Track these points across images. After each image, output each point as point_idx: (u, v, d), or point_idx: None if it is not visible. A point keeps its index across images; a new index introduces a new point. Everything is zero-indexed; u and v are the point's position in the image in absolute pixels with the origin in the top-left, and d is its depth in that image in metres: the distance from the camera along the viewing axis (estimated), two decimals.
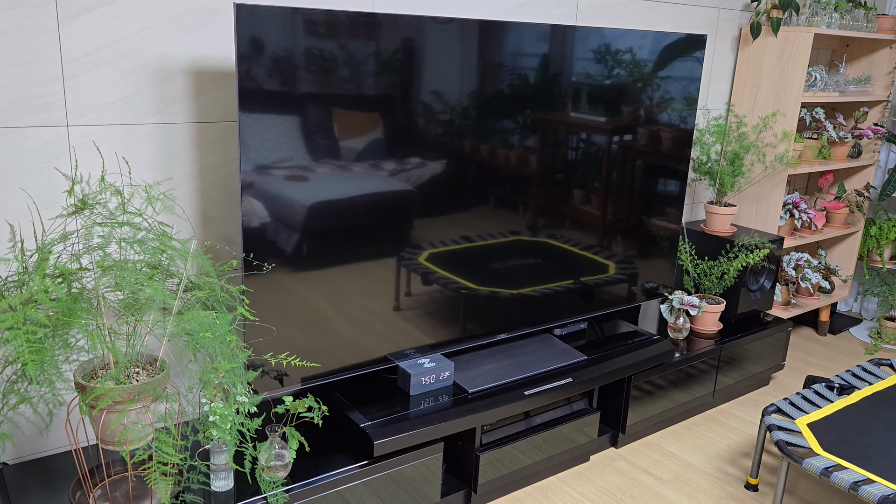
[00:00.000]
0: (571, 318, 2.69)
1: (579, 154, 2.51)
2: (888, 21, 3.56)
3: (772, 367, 3.26)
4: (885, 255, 3.86)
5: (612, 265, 2.78)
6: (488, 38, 2.15)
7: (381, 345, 2.20)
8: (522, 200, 2.42)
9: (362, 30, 1.91)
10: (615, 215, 2.70)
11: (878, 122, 3.72)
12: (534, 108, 2.33)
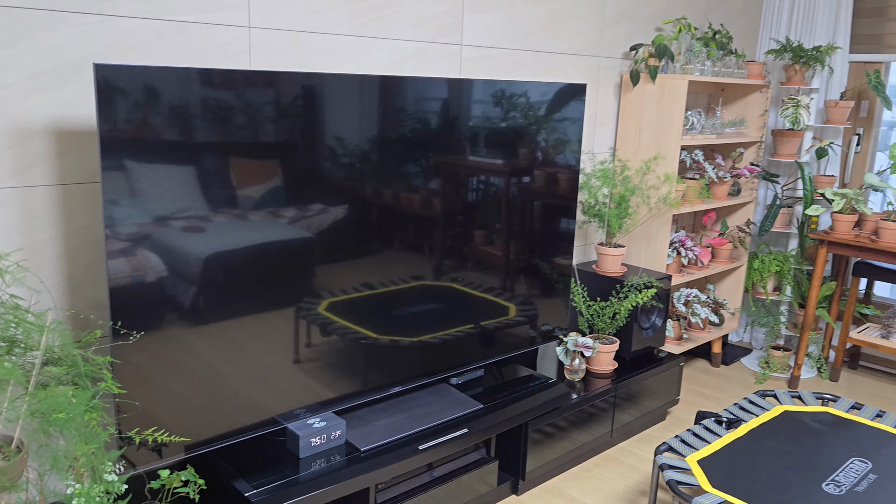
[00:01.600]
0: (470, 366, 2.68)
1: (475, 199, 2.53)
2: (757, 67, 3.78)
3: (667, 403, 3.34)
4: (769, 287, 4.04)
5: (513, 307, 2.80)
6: (360, 92, 2.15)
7: (279, 402, 2.12)
8: (423, 245, 2.41)
9: (226, 86, 1.87)
10: (510, 259, 2.73)
11: (754, 161, 3.93)
12: (421, 155, 2.34)
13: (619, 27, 3.40)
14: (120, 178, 1.73)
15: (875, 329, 3.95)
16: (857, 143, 4.08)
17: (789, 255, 4.02)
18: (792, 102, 3.83)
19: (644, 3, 3.50)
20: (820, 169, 4.07)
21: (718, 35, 3.73)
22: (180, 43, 2.08)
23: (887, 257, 3.47)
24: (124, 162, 1.73)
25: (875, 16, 3.95)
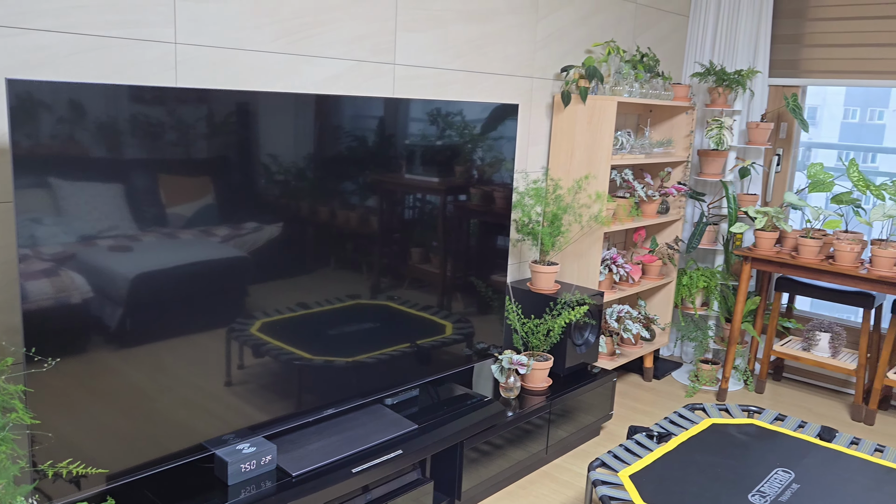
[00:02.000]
0: (405, 386, 2.66)
1: (411, 217, 2.52)
2: (683, 89, 3.91)
3: (601, 418, 3.38)
4: (697, 302, 4.16)
5: (450, 325, 2.80)
6: (294, 110, 2.13)
7: (208, 427, 2.05)
8: (359, 263, 2.38)
9: (148, 103, 1.82)
10: (446, 277, 2.73)
11: (681, 180, 4.05)
12: (357, 173, 2.32)
13: (550, 49, 3.47)
14: (35, 196, 1.66)
15: (797, 342, 4.10)
16: (778, 163, 4.25)
17: (716, 271, 4.15)
18: (716, 124, 3.97)
19: (574, 26, 3.57)
20: (743, 188, 4.22)
21: (646, 58, 3.84)
22: (101, 58, 2.01)
23: (806, 273, 3.61)
24: (39, 180, 1.66)
25: (791, 42, 4.14)
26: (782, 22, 4.16)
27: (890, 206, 3.44)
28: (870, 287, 3.44)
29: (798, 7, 4.09)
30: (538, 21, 3.37)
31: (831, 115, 7.11)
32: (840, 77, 3.99)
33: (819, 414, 3.82)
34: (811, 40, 4.07)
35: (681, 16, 4.29)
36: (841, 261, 3.49)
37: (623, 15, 3.87)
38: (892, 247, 3.49)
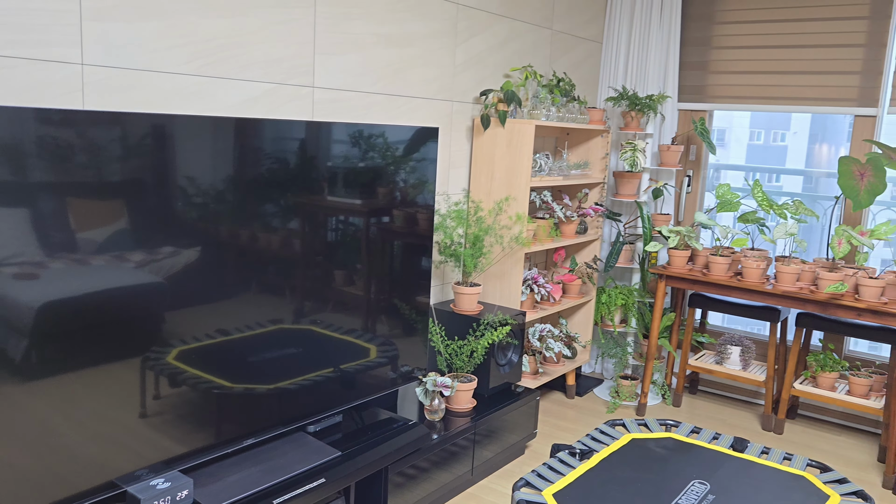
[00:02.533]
0: (328, 412, 2.62)
1: (333, 240, 2.49)
2: (598, 113, 4.03)
3: (526, 437, 3.41)
4: (616, 319, 4.26)
5: (374, 348, 2.78)
6: (211, 133, 2.09)
7: (120, 462, 1.96)
8: (281, 287, 2.33)
9: (53, 125, 1.75)
10: (370, 299, 2.71)
11: (598, 201, 4.17)
12: (277, 197, 2.28)
13: (469, 73, 3.52)
14: None
15: (710, 356, 4.25)
16: (688, 184, 4.43)
17: (633, 288, 4.27)
18: (630, 146, 4.10)
19: (493, 51, 3.64)
20: (657, 208, 4.37)
21: (562, 83, 3.95)
22: (3, 79, 1.92)
23: (717, 289, 3.76)
24: None
25: (698, 69, 4.34)
26: (689, 50, 4.35)
27: (791, 224, 3.63)
28: (775, 302, 3.61)
29: (703, 36, 4.29)
30: (457, 46, 3.42)
31: (738, 137, 7.47)
32: (743, 102, 4.20)
33: (732, 425, 3.97)
34: (716, 67, 4.27)
35: (595, 42, 4.44)
36: (748, 277, 3.66)
37: (539, 41, 3.97)
38: (794, 263, 3.67)
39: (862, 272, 3.50)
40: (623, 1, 4.36)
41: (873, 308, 3.32)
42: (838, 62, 3.90)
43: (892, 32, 3.74)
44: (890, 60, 3.76)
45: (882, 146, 3.55)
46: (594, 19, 4.39)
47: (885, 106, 3.79)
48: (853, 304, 3.37)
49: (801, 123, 7.03)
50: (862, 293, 3.37)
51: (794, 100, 4.05)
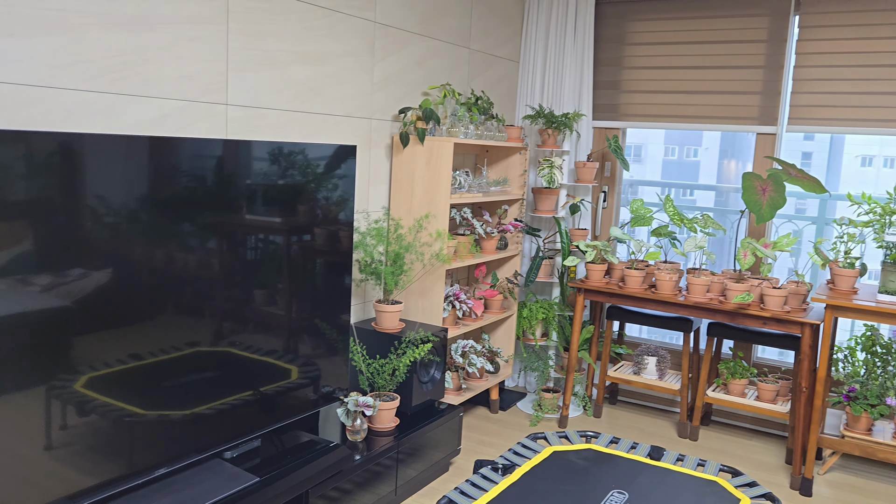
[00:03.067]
0: (246, 437, 2.55)
1: (252, 260, 2.44)
2: (515, 131, 4.10)
3: (450, 453, 3.41)
4: (537, 333, 4.32)
5: (295, 370, 2.72)
6: (124, 152, 2.02)
7: (24, 499, 1.85)
8: (198, 309, 2.26)
9: None
10: (290, 319, 2.66)
11: (518, 217, 4.23)
12: (193, 216, 2.22)
13: (387, 91, 3.53)
14: None
15: (628, 366, 4.36)
16: (604, 199, 4.55)
17: (553, 302, 4.34)
18: (547, 163, 4.19)
19: (411, 69, 3.66)
20: (575, 223, 4.47)
21: (480, 101, 4.00)
22: None
23: (633, 301, 3.86)
24: None
25: (611, 88, 4.48)
26: (602, 69, 4.49)
27: (701, 237, 3.77)
28: (687, 312, 3.74)
29: (615, 57, 4.44)
30: (375, 64, 3.42)
31: (654, 153, 7.72)
32: (654, 120, 4.36)
33: (651, 433, 4.07)
34: (628, 87, 4.42)
35: (512, 61, 4.52)
36: (662, 289, 3.78)
37: (457, 60, 4.02)
38: (704, 275, 3.82)
39: (766, 283, 3.66)
40: (538, 22, 4.47)
41: (777, 316, 3.48)
42: (740, 83, 4.09)
43: (789, 55, 3.95)
44: (787, 82, 3.97)
45: (781, 162, 3.74)
46: (511, 39, 4.48)
47: (784, 124, 4.00)
48: (759, 314, 3.52)
49: (711, 140, 7.34)
50: (767, 302, 3.53)
51: (702, 118, 4.23)
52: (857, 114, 3.80)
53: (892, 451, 3.33)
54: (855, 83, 3.80)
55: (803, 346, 3.44)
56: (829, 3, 3.82)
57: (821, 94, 3.88)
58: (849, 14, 3.78)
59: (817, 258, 3.60)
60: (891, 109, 3.72)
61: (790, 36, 3.94)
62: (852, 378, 3.59)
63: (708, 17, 4.15)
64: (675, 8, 4.23)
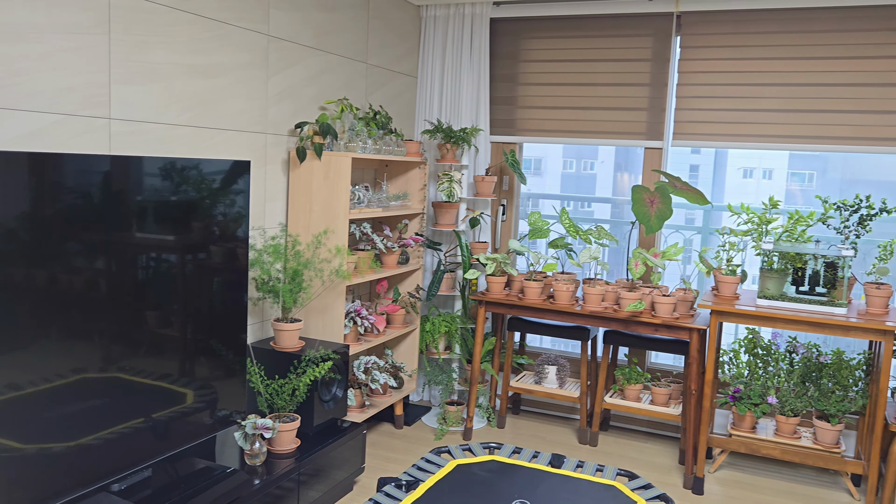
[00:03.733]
0: (137, 466, 2.42)
1: (142, 280, 2.32)
2: (415, 145, 4.12)
3: (354, 472, 3.36)
4: (440, 346, 4.34)
5: (190, 393, 2.61)
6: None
7: None
8: (86, 333, 2.12)
9: None
10: (184, 341, 2.55)
11: (419, 231, 4.24)
12: (78, 236, 2.09)
13: (283, 105, 3.47)
14: None
15: (530, 376, 4.44)
16: (503, 212, 4.63)
17: (456, 315, 4.37)
18: (446, 177, 4.23)
19: (307, 83, 3.62)
20: (475, 236, 4.53)
21: (378, 115, 4.00)
22: None
23: (532, 312, 3.94)
24: None
25: (507, 103, 4.57)
26: (499, 85, 4.58)
27: (595, 248, 3.89)
28: (584, 321, 3.85)
29: (510, 73, 4.54)
30: (269, 77, 3.36)
31: (553, 166, 7.94)
32: (549, 135, 4.48)
33: (552, 441, 4.15)
34: (524, 102, 4.53)
35: (410, 76, 4.54)
36: (559, 300, 3.87)
37: (354, 74, 4.00)
38: (599, 285, 3.94)
39: (657, 291, 3.82)
40: (435, 38, 4.52)
41: (667, 323, 3.63)
42: (629, 99, 4.27)
43: (672, 74, 4.15)
44: (671, 99, 4.17)
45: (668, 175, 3.92)
46: (408, 55, 4.50)
47: (669, 139, 4.20)
48: (650, 321, 3.66)
49: (607, 154, 7.62)
50: (657, 310, 3.68)
51: (594, 133, 4.38)
52: (736, 129, 4.04)
53: (773, 447, 3.53)
54: (733, 100, 4.03)
55: (692, 351, 3.60)
56: (707, 25, 4.05)
57: (702, 111, 4.10)
58: (724, 36, 4.02)
59: (702, 266, 3.78)
60: (766, 125, 3.97)
61: (672, 55, 4.14)
62: (737, 379, 3.79)
63: (597, 37, 4.31)
64: (566, 27, 4.37)
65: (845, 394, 3.58)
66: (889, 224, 4.02)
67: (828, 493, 3.62)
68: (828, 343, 4.17)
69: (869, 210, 3.54)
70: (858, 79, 3.78)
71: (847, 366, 3.57)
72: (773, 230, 3.68)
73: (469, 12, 4.40)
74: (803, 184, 6.97)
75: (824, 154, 4.87)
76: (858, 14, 3.76)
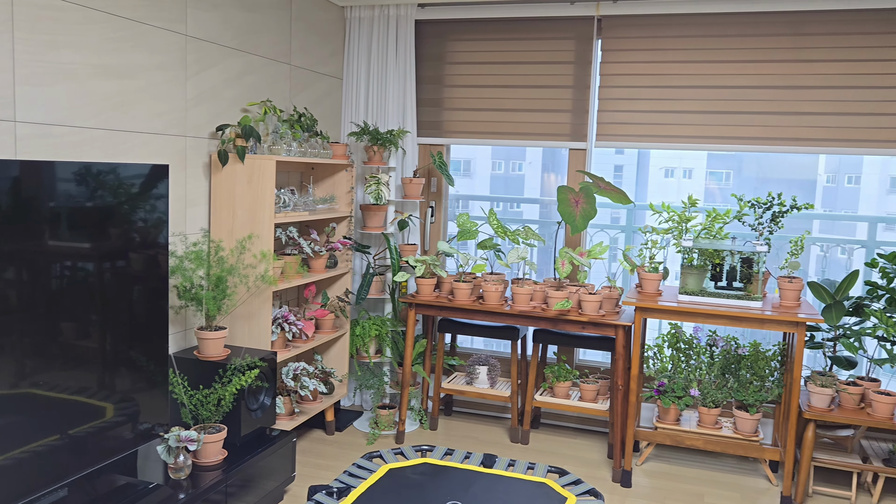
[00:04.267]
0: (51, 486, 2.31)
1: (55, 290, 2.21)
2: (341, 148, 4.08)
3: (284, 481, 3.30)
4: (371, 350, 4.30)
5: (110, 407, 2.51)
6: None
7: None
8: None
9: None
10: (103, 353, 2.44)
11: (347, 234, 4.20)
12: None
13: (203, 107, 3.37)
14: None
15: (461, 377, 4.45)
16: (432, 214, 4.63)
17: (386, 318, 4.35)
18: (374, 180, 4.20)
19: (228, 85, 3.53)
20: (404, 238, 4.51)
21: (303, 118, 3.94)
22: None
23: (462, 313, 3.95)
24: None
25: (434, 105, 4.57)
26: (425, 87, 4.57)
27: (522, 249, 3.93)
28: (513, 321, 3.88)
29: (436, 75, 4.54)
30: (188, 79, 3.26)
31: (482, 168, 7.99)
32: (476, 137, 4.50)
33: (485, 441, 4.17)
34: (450, 104, 4.54)
35: (335, 78, 4.49)
36: (489, 300, 3.89)
37: (278, 76, 3.93)
38: (527, 284, 3.98)
39: (583, 289, 3.89)
40: (360, 39, 4.48)
41: (594, 320, 3.70)
42: (553, 101, 4.33)
43: (594, 76, 4.24)
44: (593, 100, 4.26)
45: (592, 176, 4.00)
46: (333, 56, 4.45)
47: (593, 140, 4.28)
48: (578, 318, 3.73)
49: (534, 155, 7.73)
50: (584, 308, 3.74)
51: (520, 135, 4.43)
52: (656, 130, 4.15)
53: (696, 437, 3.64)
54: (653, 102, 4.14)
55: (618, 347, 3.68)
56: (626, 28, 4.15)
57: (623, 113, 4.20)
58: (644, 39, 4.13)
59: (626, 264, 3.87)
60: (684, 126, 4.10)
61: (594, 58, 4.23)
62: (661, 373, 3.89)
63: (521, 39, 4.36)
64: (491, 29, 4.41)
65: (762, 384, 3.72)
66: (800, 220, 4.21)
67: (748, 480, 3.76)
68: (745, 336, 4.34)
69: (781, 207, 3.69)
70: (770, 81, 3.94)
71: (763, 357, 3.72)
72: (692, 228, 3.80)
73: (394, 14, 4.39)
74: (721, 182, 7.24)
75: (740, 154, 5.07)
76: (768, 20, 3.92)
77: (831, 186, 6.25)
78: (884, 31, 3.76)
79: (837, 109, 3.86)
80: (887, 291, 3.57)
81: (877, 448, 3.65)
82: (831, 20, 3.83)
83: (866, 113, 3.82)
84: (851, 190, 6.30)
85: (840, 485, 3.71)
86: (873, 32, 3.78)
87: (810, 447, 3.39)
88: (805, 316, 3.33)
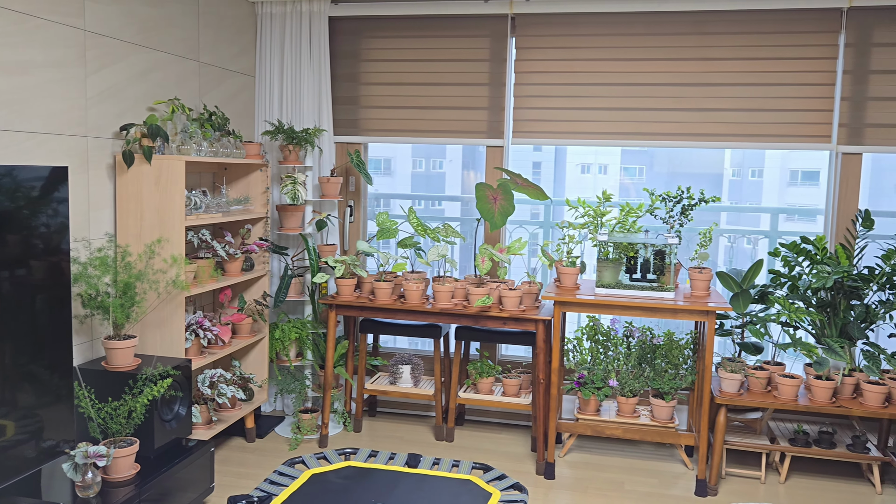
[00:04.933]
0: None
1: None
2: (255, 147, 3.97)
3: (203, 493, 3.18)
4: (292, 354, 4.21)
5: (11, 425, 2.35)
6: None
7: None
8: None
9: None
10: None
11: (263, 236, 4.09)
12: None
13: (105, 106, 3.22)
14: None
15: (385, 377, 4.42)
16: (350, 214, 4.57)
17: (306, 321, 4.26)
18: (290, 180, 4.11)
19: (132, 82, 3.38)
20: (322, 239, 4.44)
21: (214, 116, 3.82)
22: None
23: (384, 313, 3.92)
24: None
25: (350, 103, 4.52)
26: (340, 85, 4.51)
27: (443, 246, 3.93)
28: (435, 319, 3.87)
29: (352, 72, 4.49)
30: (87, 76, 3.10)
31: (402, 166, 7.95)
32: (393, 135, 4.47)
33: (410, 440, 4.15)
34: (367, 102, 4.49)
35: (247, 76, 4.37)
36: (410, 299, 3.87)
37: (186, 73, 3.79)
38: (448, 282, 3.98)
39: (503, 285, 3.92)
40: (272, 35, 4.38)
41: (514, 316, 3.74)
42: (470, 98, 4.34)
43: (509, 73, 4.28)
44: (509, 97, 4.29)
45: (509, 173, 4.03)
46: (244, 52, 4.33)
47: (509, 137, 4.32)
48: (499, 314, 3.75)
49: (455, 153, 7.74)
50: (505, 304, 3.77)
51: (437, 132, 4.42)
52: (570, 127, 4.22)
53: (616, 427, 3.73)
54: (566, 99, 4.21)
55: (538, 341, 3.72)
56: (539, 27, 4.20)
57: (538, 110, 4.25)
58: (556, 37, 4.19)
59: (545, 259, 3.92)
60: (597, 123, 4.18)
61: (509, 56, 4.26)
62: (581, 365, 3.96)
63: (437, 37, 4.35)
64: (406, 27, 4.38)
65: (676, 372, 3.84)
66: (708, 213, 4.36)
67: (666, 466, 3.88)
68: (660, 326, 4.47)
69: (690, 200, 3.82)
70: (677, 79, 4.07)
71: (677, 346, 3.84)
72: (607, 222, 3.89)
73: (307, 10, 4.30)
74: (634, 178, 7.44)
75: (652, 149, 5.22)
76: (674, 19, 4.04)
77: (736, 180, 6.53)
78: (782, 31, 3.94)
79: (740, 106, 4.02)
80: (789, 279, 3.74)
81: (783, 429, 3.83)
82: (733, 20, 3.99)
83: (767, 109, 3.99)
84: (755, 183, 6.59)
85: (751, 465, 3.87)
86: (772, 32, 3.95)
87: (722, 431, 3.52)
88: (715, 305, 3.45)
